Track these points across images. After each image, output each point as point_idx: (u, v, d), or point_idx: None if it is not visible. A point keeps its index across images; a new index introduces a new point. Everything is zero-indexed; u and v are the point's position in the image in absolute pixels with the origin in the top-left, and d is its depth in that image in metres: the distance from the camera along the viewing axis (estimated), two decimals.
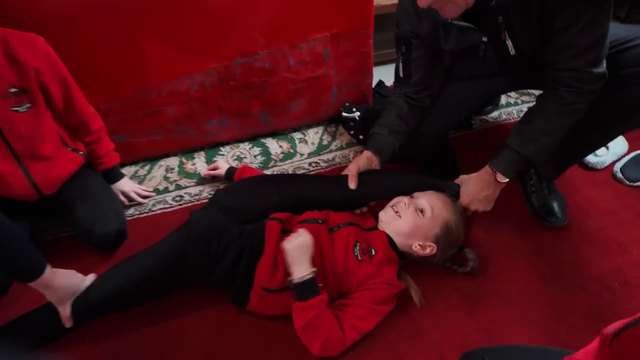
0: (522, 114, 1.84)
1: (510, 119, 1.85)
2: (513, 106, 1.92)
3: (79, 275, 1.13)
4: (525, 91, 2.00)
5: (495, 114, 1.88)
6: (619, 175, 1.60)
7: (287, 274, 1.11)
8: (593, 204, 1.52)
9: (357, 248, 1.16)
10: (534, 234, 1.42)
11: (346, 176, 1.29)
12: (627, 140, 1.72)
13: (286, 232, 1.17)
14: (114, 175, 1.42)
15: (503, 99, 1.94)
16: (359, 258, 1.15)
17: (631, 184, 1.58)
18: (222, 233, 1.14)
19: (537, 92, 1.97)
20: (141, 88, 1.43)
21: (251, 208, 1.22)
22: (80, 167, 1.30)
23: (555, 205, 1.45)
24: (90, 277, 1.15)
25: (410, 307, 1.21)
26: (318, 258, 1.13)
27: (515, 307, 1.24)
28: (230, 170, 1.46)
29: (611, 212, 1.49)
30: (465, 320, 1.21)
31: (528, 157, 1.21)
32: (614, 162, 1.66)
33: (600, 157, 1.64)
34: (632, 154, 1.66)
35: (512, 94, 1.98)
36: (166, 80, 1.44)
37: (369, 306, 1.11)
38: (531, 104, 1.94)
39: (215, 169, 1.52)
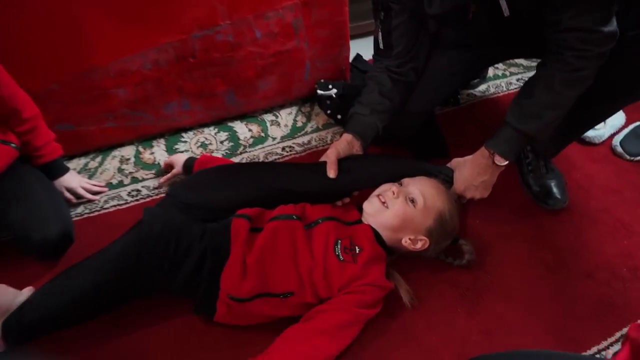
0: (511, 87, 1.74)
1: (499, 92, 1.72)
2: (501, 78, 1.78)
3: (11, 290, 0.96)
4: (513, 62, 1.86)
5: (482, 87, 1.74)
6: (619, 149, 1.49)
7: (258, 279, 0.95)
8: (594, 182, 1.40)
9: (339, 246, 1.01)
10: (532, 219, 1.30)
11: (324, 163, 1.13)
12: (624, 111, 1.59)
13: (256, 230, 1.01)
14: (57, 170, 1.23)
15: (490, 71, 1.81)
16: (341, 258, 1.00)
17: (632, 158, 1.47)
18: (180, 234, 0.98)
19: (526, 63, 1.86)
20: (83, 68, 1.24)
21: (214, 204, 1.06)
22: (12, 162, 1.12)
23: (554, 186, 1.32)
24: (26, 291, 0.98)
25: (401, 309, 1.07)
26: (292, 261, 0.98)
27: (517, 302, 1.12)
28: (190, 161, 1.27)
29: (614, 191, 1.38)
30: (464, 320, 1.08)
31: (530, 135, 1.07)
32: (612, 136, 1.54)
33: (598, 130, 1.52)
34: (631, 126, 1.55)
35: (499, 65, 1.84)
36: (112, 58, 1.25)
37: (351, 310, 0.97)
38: (520, 76, 1.87)
39: (170, 166, 1.33)
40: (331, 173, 1.11)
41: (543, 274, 1.17)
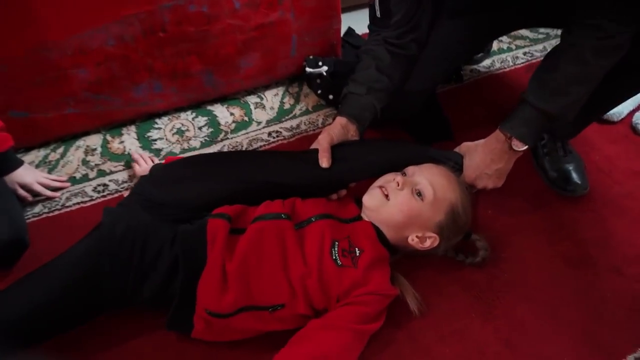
0: (518, 61, 1.59)
1: (505, 67, 1.57)
2: (507, 52, 1.63)
3: None
4: (518, 34, 1.71)
5: (487, 62, 1.59)
6: None
7: (242, 291, 0.81)
8: (615, 165, 1.27)
9: (336, 249, 0.86)
10: (550, 208, 1.16)
11: (316, 151, 0.98)
12: None
13: (237, 232, 0.86)
14: (7, 164, 1.07)
15: (495, 45, 1.65)
16: (339, 262, 0.85)
17: None
18: (146, 238, 0.83)
19: (532, 35, 1.71)
20: (36, 45, 1.07)
21: (187, 201, 0.90)
22: None
23: (573, 170, 1.18)
24: None
25: (408, 317, 0.93)
26: (282, 268, 0.83)
27: (539, 304, 0.99)
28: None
29: (637, 173, 1.25)
30: (479, 327, 0.95)
31: (553, 115, 0.93)
32: (631, 112, 1.40)
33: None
34: None
35: (504, 38, 1.69)
36: (69, 34, 1.09)
37: (352, 327, 0.82)
38: (527, 49, 1.72)
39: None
40: (324, 162, 0.96)
41: (565, 270, 1.04)
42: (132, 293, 0.83)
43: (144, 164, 1.14)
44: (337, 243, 0.87)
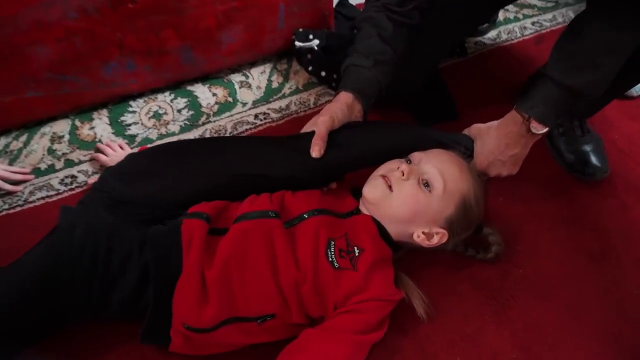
0: (526, 32, 1.48)
1: (512, 39, 1.45)
2: (514, 22, 1.52)
3: None
4: (525, 2, 1.59)
5: (492, 33, 1.47)
6: None
7: (224, 302, 0.70)
8: (636, 144, 1.18)
9: (332, 249, 0.75)
10: (567, 194, 1.06)
11: (309, 136, 0.86)
12: None
13: (217, 233, 0.75)
14: None
15: (500, 15, 1.53)
16: (336, 265, 0.74)
17: None
18: (111, 243, 0.72)
19: (540, 4, 1.59)
20: None
21: (157, 198, 0.78)
22: None
23: (592, 152, 1.08)
24: None
25: (415, 322, 0.83)
26: (271, 274, 0.73)
27: (558, 302, 0.90)
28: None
29: None
30: (494, 331, 0.85)
31: (579, 91, 0.82)
32: None
33: None
34: None
35: (510, 7, 1.57)
36: (22, 6, 0.95)
37: (351, 338, 0.73)
38: (535, 19, 1.58)
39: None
40: (315, 151, 0.83)
41: (586, 264, 0.95)
42: (99, 304, 0.72)
43: (112, 153, 1.02)
44: (333, 242, 0.76)
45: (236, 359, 0.78)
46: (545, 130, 0.86)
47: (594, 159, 1.07)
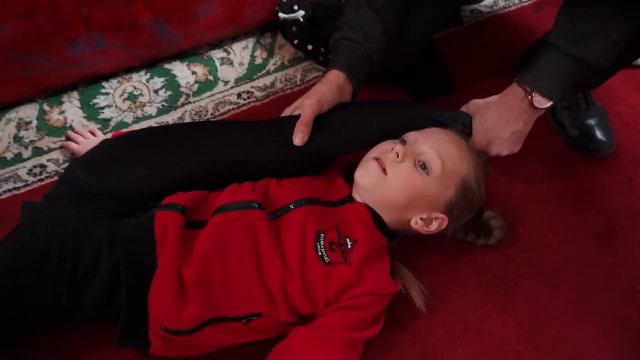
0: None
1: (510, 6, 1.39)
2: None
3: None
4: None
5: (489, 0, 1.39)
6: None
7: (205, 301, 0.64)
8: None
9: (322, 242, 0.69)
10: (571, 171, 1.02)
11: (293, 120, 0.78)
12: None
13: (195, 226, 0.69)
14: None
15: None
16: (327, 259, 0.68)
17: None
18: (79, 240, 0.66)
19: None
20: None
21: (127, 188, 0.72)
22: None
23: (597, 126, 1.02)
24: None
25: (414, 314, 0.78)
26: (255, 271, 0.67)
27: (564, 288, 0.86)
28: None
29: None
30: (497, 320, 0.82)
31: (588, 61, 0.75)
32: None
33: None
34: None
35: None
36: None
37: (345, 336, 0.68)
38: None
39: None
40: (298, 138, 0.75)
41: (593, 245, 0.91)
42: (70, 306, 0.67)
43: (83, 141, 0.94)
44: (323, 235, 0.70)
45: (223, 358, 0.73)
46: (549, 104, 0.80)
47: (599, 134, 1.01)
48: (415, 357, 0.76)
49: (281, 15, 1.18)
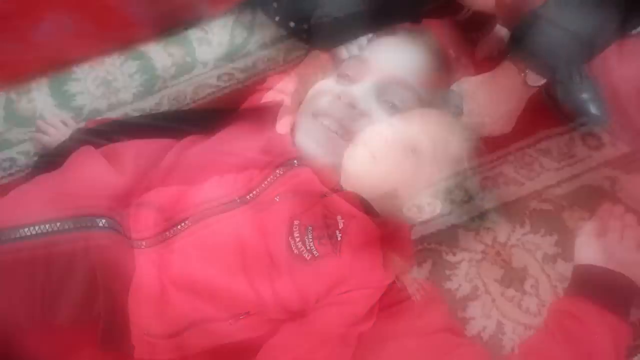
0: None
1: None
2: None
3: None
4: None
5: None
6: None
7: (187, 304, 0.61)
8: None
9: (310, 235, 0.66)
10: (566, 148, 0.98)
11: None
12: None
13: (174, 225, 0.65)
14: None
15: None
16: (315, 252, 0.66)
17: None
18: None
19: None
20: None
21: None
22: None
23: (589, 100, 0.99)
24: None
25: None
26: (240, 267, 0.64)
27: None
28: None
29: None
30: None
31: (584, 32, 0.72)
32: None
33: None
34: None
35: None
36: None
37: (337, 333, 0.66)
38: None
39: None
40: (281, 127, 0.74)
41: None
42: (45, 315, 0.63)
43: (54, 132, 0.90)
44: (311, 227, 0.67)
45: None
46: (543, 81, 0.77)
47: (592, 108, 0.98)
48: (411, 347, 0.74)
49: None
